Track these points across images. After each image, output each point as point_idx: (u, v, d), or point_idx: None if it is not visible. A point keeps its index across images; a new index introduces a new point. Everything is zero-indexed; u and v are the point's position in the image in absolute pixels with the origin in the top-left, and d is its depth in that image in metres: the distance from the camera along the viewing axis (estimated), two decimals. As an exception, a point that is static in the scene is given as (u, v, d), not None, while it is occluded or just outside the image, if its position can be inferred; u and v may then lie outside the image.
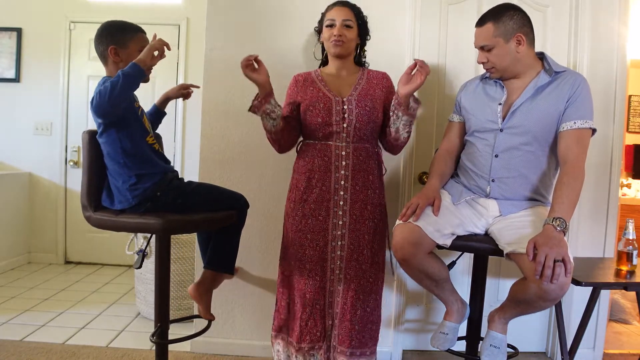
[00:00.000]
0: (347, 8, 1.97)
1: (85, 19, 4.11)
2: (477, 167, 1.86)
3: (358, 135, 1.92)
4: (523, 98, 1.78)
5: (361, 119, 1.90)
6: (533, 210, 1.77)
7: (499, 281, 2.55)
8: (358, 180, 1.92)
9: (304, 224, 1.94)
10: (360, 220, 1.92)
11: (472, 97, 1.93)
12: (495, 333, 1.74)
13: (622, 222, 2.17)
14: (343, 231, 1.91)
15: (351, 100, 1.91)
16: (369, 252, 1.94)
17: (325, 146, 1.93)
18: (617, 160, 2.46)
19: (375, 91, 1.97)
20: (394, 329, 2.49)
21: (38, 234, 4.24)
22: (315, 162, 1.93)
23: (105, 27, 1.79)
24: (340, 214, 1.91)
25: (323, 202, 1.92)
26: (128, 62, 1.70)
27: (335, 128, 1.90)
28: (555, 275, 1.47)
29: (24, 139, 4.18)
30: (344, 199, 1.91)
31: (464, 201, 1.84)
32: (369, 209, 1.93)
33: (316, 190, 1.92)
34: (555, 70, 1.78)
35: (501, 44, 1.76)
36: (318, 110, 1.91)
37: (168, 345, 1.88)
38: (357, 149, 1.92)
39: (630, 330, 3.04)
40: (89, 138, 1.78)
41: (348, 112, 1.89)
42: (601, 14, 2.40)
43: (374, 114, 1.92)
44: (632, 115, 4.56)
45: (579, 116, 1.73)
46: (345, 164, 1.91)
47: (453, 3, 2.44)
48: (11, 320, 2.83)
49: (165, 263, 1.82)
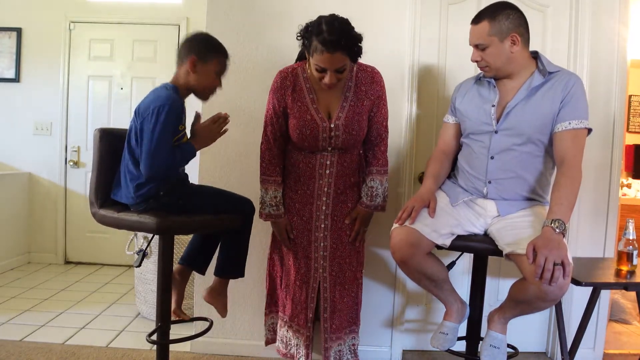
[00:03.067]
0: (340, 53, 1.74)
1: (85, 19, 4.11)
2: (473, 168, 1.85)
3: (343, 149, 1.96)
4: (517, 99, 1.77)
5: (347, 142, 1.93)
6: (532, 210, 1.77)
7: (499, 281, 2.55)
8: (340, 185, 1.99)
9: (290, 219, 2.02)
10: (341, 219, 2.00)
11: (466, 99, 1.92)
12: (495, 333, 1.74)
13: (622, 222, 2.18)
14: (325, 233, 1.98)
15: (339, 126, 1.90)
16: (350, 248, 2.01)
17: (310, 155, 1.97)
18: (617, 160, 2.45)
19: (363, 103, 1.93)
20: (394, 329, 2.48)
21: (38, 234, 4.24)
22: (300, 166, 1.99)
23: (197, 35, 1.80)
24: (323, 217, 1.98)
25: (307, 204, 1.99)
26: (201, 78, 1.75)
27: (320, 147, 1.94)
28: (555, 278, 1.48)
29: (24, 139, 4.18)
30: (327, 203, 1.98)
31: (461, 202, 1.84)
32: (349, 206, 2.01)
33: (300, 192, 2.00)
34: (549, 71, 1.77)
35: (496, 43, 1.74)
36: (305, 135, 1.91)
37: (169, 345, 1.88)
38: (341, 157, 1.97)
39: (630, 330, 3.03)
40: (100, 135, 1.80)
41: (335, 137, 1.91)
42: (601, 14, 2.40)
43: (361, 133, 1.95)
44: (632, 115, 4.56)
45: (574, 116, 1.71)
46: (330, 172, 1.96)
47: (453, 3, 2.44)
48: (11, 320, 2.83)
49: (168, 263, 1.82)
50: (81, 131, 4.17)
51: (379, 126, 1.99)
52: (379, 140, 2.01)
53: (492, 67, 1.78)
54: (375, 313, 2.47)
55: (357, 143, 1.97)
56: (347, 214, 2.00)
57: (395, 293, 2.47)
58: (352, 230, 2.00)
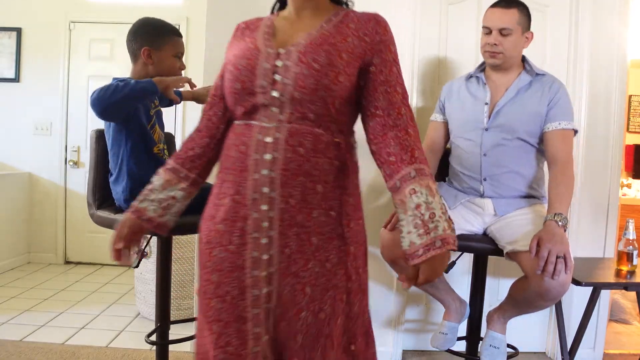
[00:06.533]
0: None
1: (85, 19, 4.10)
2: (467, 168, 1.87)
3: (299, 112, 1.09)
4: (506, 98, 1.81)
5: (304, 82, 1.07)
6: (530, 208, 1.78)
7: (499, 281, 2.54)
8: (293, 189, 1.08)
9: (207, 255, 1.15)
10: (299, 257, 1.08)
11: (456, 98, 1.94)
12: (495, 333, 1.75)
13: (622, 222, 2.17)
14: (270, 270, 1.09)
15: (291, 53, 1.10)
16: (317, 316, 1.09)
17: (246, 129, 1.13)
18: (617, 160, 2.45)
19: (346, 40, 1.12)
20: (394, 329, 2.48)
21: (38, 234, 4.24)
22: (230, 155, 1.14)
23: (140, 25, 1.73)
24: (265, 242, 1.08)
25: (236, 221, 1.10)
26: (159, 66, 1.69)
27: (260, 99, 1.11)
28: (557, 272, 1.48)
29: (24, 139, 4.18)
30: (269, 217, 1.08)
31: (459, 204, 1.85)
32: (314, 242, 1.09)
33: (226, 202, 1.12)
34: (537, 72, 1.82)
35: (518, 33, 1.78)
36: (239, 70, 1.13)
37: (168, 346, 1.88)
38: (294, 133, 1.08)
39: (630, 330, 3.03)
40: (96, 137, 1.79)
41: (282, 71, 1.09)
42: (601, 14, 2.40)
43: (331, 74, 1.07)
44: (632, 115, 4.56)
45: (563, 117, 1.77)
46: (272, 158, 1.08)
47: (453, 3, 2.44)
48: (11, 320, 2.83)
49: (167, 263, 1.82)
50: (81, 131, 4.17)
51: (392, 91, 1.13)
52: (398, 117, 1.12)
53: (506, 55, 1.79)
54: (374, 313, 2.45)
55: (328, 103, 1.09)
56: (314, 253, 1.09)
57: (394, 293, 2.47)
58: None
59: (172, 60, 1.75)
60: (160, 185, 1.22)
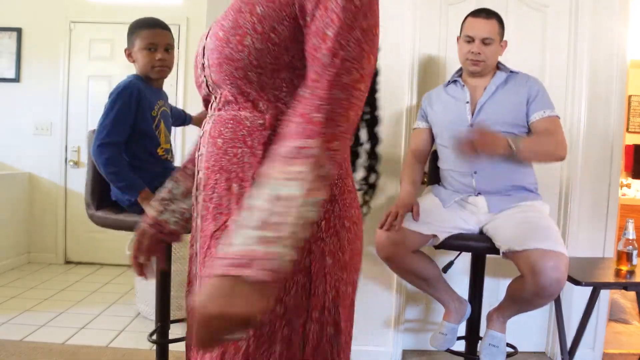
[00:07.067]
0: None
1: (85, 19, 4.10)
2: (456, 166, 1.88)
3: (223, 96, 0.87)
4: (486, 96, 1.87)
5: (211, 59, 0.86)
6: (524, 205, 1.79)
7: (499, 281, 2.54)
8: (211, 191, 0.87)
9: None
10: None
11: (439, 103, 1.98)
12: (494, 332, 1.75)
13: (622, 222, 2.17)
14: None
15: (212, 27, 0.91)
16: None
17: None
18: (617, 160, 2.45)
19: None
20: (394, 329, 2.48)
21: (38, 234, 4.24)
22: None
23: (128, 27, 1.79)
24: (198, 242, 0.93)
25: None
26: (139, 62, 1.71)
27: (202, 89, 0.94)
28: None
29: (24, 139, 4.18)
30: (195, 226, 0.95)
31: (453, 202, 1.86)
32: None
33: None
34: (510, 70, 1.91)
35: (497, 42, 1.87)
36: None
37: (169, 345, 1.88)
38: (217, 122, 0.88)
39: (630, 330, 3.03)
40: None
41: (206, 46, 0.89)
42: (601, 14, 2.40)
43: (233, 42, 0.82)
44: (632, 115, 4.56)
45: (546, 107, 1.83)
46: (200, 154, 0.92)
47: (453, 3, 2.44)
48: (11, 320, 2.83)
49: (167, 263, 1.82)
50: (81, 131, 4.17)
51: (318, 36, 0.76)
52: (315, 62, 0.75)
53: (487, 63, 1.87)
54: (374, 313, 2.47)
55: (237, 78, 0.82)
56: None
57: (394, 293, 2.47)
58: None
59: (144, 53, 1.72)
60: (181, 194, 1.07)
